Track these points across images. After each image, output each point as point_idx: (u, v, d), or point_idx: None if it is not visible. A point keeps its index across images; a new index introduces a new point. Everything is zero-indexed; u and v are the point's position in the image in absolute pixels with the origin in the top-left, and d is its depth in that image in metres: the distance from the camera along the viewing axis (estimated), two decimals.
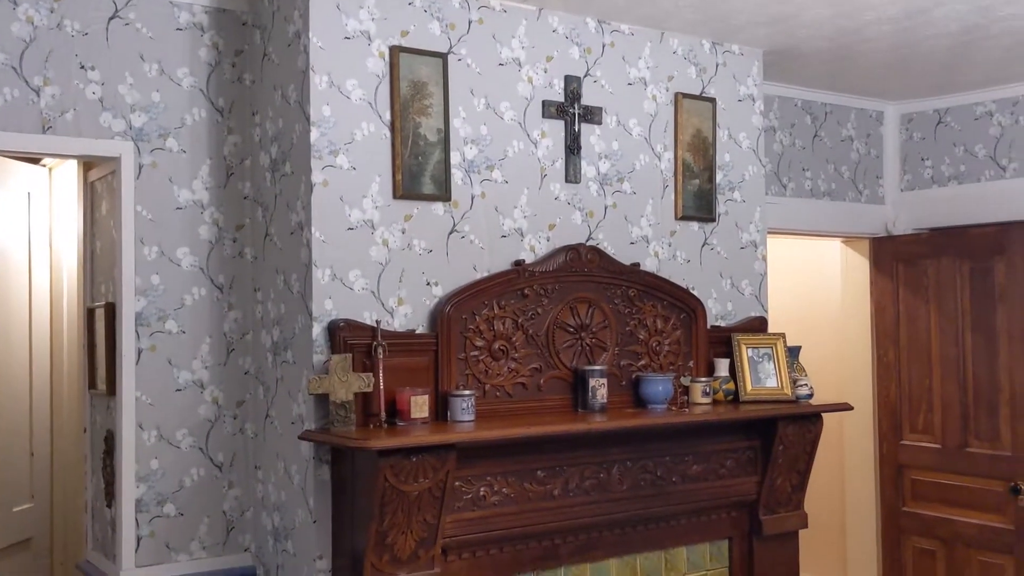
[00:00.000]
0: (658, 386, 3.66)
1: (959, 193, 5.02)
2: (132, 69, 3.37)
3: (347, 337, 3.12)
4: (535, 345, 3.51)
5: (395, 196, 3.29)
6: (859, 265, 5.34)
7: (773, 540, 3.92)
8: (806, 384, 3.99)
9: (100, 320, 3.49)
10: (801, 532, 4.08)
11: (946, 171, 5.08)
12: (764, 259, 4.27)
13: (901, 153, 5.29)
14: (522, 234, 3.55)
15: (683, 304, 3.88)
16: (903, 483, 5.10)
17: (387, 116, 3.29)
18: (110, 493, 3.43)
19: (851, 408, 4.05)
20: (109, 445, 3.45)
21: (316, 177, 3.17)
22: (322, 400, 3.11)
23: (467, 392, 3.24)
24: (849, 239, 5.34)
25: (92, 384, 3.61)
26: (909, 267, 5.08)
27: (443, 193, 3.37)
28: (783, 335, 4.02)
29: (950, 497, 4.87)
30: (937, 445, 4.94)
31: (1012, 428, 4.63)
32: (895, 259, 5.14)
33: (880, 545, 5.21)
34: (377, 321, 3.18)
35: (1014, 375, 4.62)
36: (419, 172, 3.32)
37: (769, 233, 4.55)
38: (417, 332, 3.30)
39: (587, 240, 3.70)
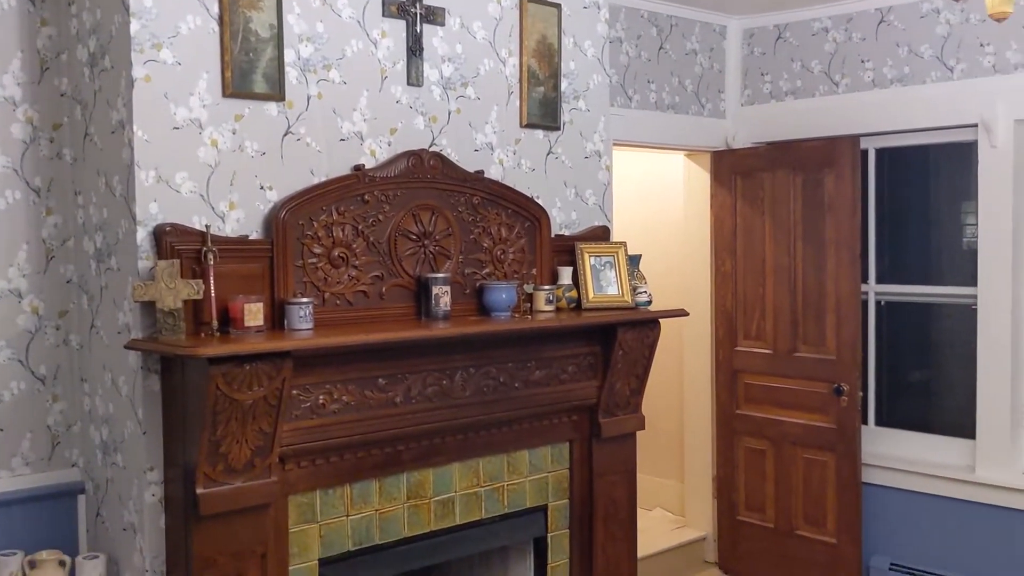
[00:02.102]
0: (502, 294, 3.67)
1: (795, 108, 5.18)
2: None
3: (174, 242, 2.98)
4: (376, 252, 3.44)
5: (224, 94, 3.13)
6: (700, 178, 5.47)
7: (612, 442, 4.04)
8: (645, 291, 4.08)
9: None
10: (642, 435, 4.22)
11: (784, 86, 5.23)
12: (608, 169, 4.30)
13: (742, 68, 5.40)
14: (362, 138, 3.45)
15: (527, 213, 3.88)
16: (737, 387, 5.33)
17: (215, 9, 3.10)
18: None
19: (687, 314, 4.18)
20: None
21: (137, 72, 2.97)
22: (149, 308, 2.97)
23: (304, 300, 3.16)
24: (692, 152, 5.45)
25: None
26: (747, 180, 5.23)
27: (277, 92, 3.22)
28: (624, 244, 4.08)
29: (779, 399, 5.13)
30: (769, 351, 5.18)
31: (837, 333, 4.89)
32: (734, 172, 5.29)
33: (715, 445, 5.47)
34: (207, 226, 3.05)
35: (840, 283, 4.86)
36: (250, 70, 3.16)
37: (615, 145, 4.59)
38: (251, 238, 3.18)
39: (430, 146, 3.63)
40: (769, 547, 5.17)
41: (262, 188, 3.22)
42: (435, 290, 3.49)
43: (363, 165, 3.41)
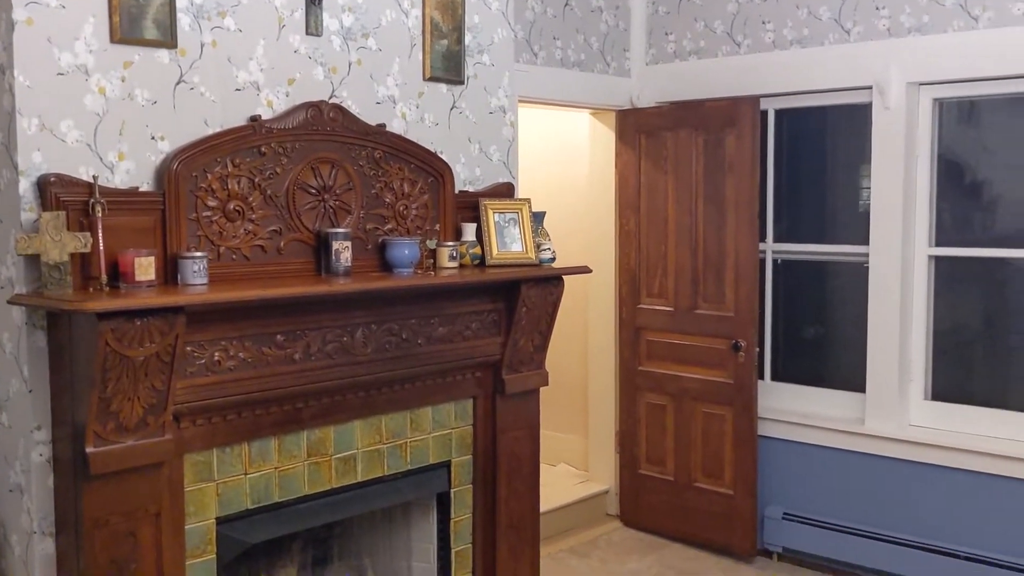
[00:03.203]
0: (404, 250, 3.63)
1: (698, 68, 5.23)
2: None
3: (59, 193, 2.86)
4: (274, 206, 3.37)
5: (112, 40, 3.00)
6: (605, 136, 5.50)
7: (516, 398, 4.07)
8: (549, 248, 4.09)
9: None
10: (547, 392, 4.25)
11: (687, 46, 5.27)
12: (513, 125, 4.28)
13: (647, 27, 5.43)
14: (259, 88, 3.36)
15: (431, 168, 3.84)
16: (640, 344, 5.41)
17: None
18: None
19: (590, 271, 4.21)
20: None
21: (18, 15, 2.82)
22: (34, 262, 2.85)
23: (198, 254, 3.08)
24: (597, 111, 5.47)
25: None
26: (651, 139, 5.28)
27: (168, 39, 3.10)
28: (528, 200, 4.08)
29: (680, 356, 5.23)
30: (670, 308, 5.26)
31: (735, 291, 4.99)
32: (638, 131, 5.32)
33: (618, 401, 5.55)
34: (94, 176, 2.93)
35: (739, 242, 4.95)
36: (140, 15, 3.03)
37: (520, 101, 4.57)
38: (141, 190, 3.08)
39: (330, 97, 3.56)
40: (669, 499, 5.30)
41: (153, 138, 3.11)
42: (335, 245, 3.44)
43: (260, 116, 3.32)
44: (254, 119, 3.30)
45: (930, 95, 4.57)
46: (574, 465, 6.02)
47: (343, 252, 3.46)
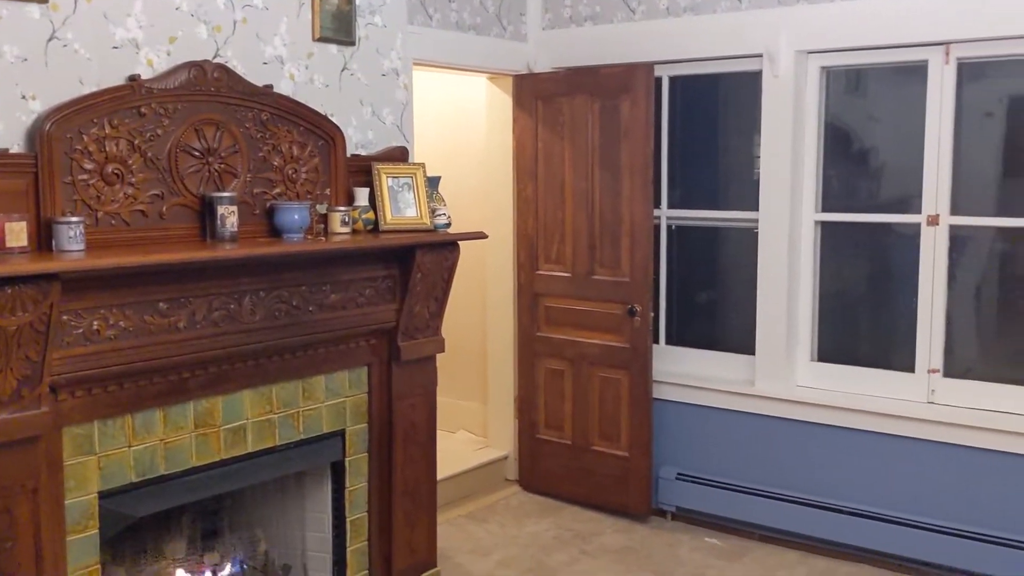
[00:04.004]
0: (294, 215, 3.55)
1: (594, 34, 5.22)
2: None
3: None
4: (155, 169, 3.25)
5: None
6: (503, 102, 5.47)
7: (411, 365, 4.03)
8: (444, 214, 4.06)
9: None
10: (446, 359, 4.23)
11: (583, 11, 5.26)
12: (407, 88, 4.22)
13: None
14: (138, 46, 3.22)
15: (321, 130, 3.76)
16: (538, 310, 5.43)
17: None
18: None
19: (485, 237, 4.18)
20: None
21: None
22: None
23: (74, 219, 2.95)
24: (494, 76, 5.43)
25: None
26: (548, 105, 5.27)
27: None
28: (423, 165, 4.03)
29: (577, 321, 5.27)
30: (568, 274, 5.29)
31: (631, 256, 5.04)
32: (535, 97, 5.31)
33: (516, 368, 5.57)
34: None
35: (634, 208, 4.99)
36: None
37: (415, 65, 4.50)
38: (12, 152, 2.92)
39: (214, 57, 3.44)
40: (567, 463, 5.35)
41: (24, 98, 2.96)
42: (220, 210, 3.34)
43: (139, 76, 3.19)
44: (133, 79, 3.17)
45: (818, 63, 4.66)
46: (473, 431, 6.03)
47: (229, 217, 3.36)
